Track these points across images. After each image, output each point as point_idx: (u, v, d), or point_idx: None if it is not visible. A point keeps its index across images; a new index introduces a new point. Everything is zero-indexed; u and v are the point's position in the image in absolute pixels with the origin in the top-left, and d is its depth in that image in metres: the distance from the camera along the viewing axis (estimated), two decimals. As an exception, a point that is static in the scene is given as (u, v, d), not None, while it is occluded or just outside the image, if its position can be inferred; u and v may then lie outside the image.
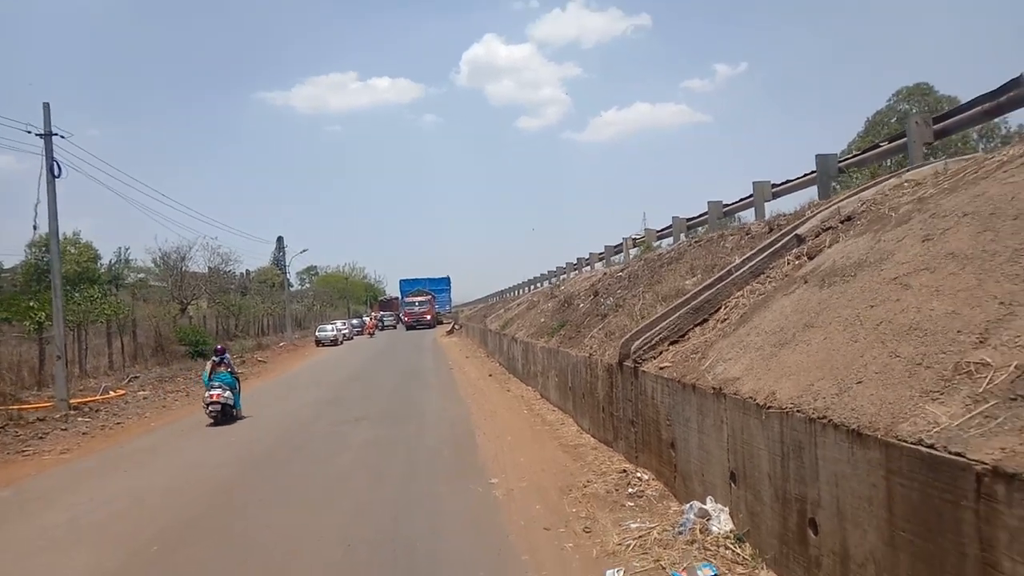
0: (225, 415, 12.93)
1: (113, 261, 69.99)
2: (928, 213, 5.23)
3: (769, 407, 4.34)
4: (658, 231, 17.62)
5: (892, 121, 32.15)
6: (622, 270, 14.70)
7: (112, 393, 18.83)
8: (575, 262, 24.83)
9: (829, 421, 3.70)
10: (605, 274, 16.36)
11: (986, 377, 3.17)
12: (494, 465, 8.19)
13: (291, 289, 74.11)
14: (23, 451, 11.44)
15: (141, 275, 62.60)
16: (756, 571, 4.38)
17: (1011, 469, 2.54)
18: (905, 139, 8.13)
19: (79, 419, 14.59)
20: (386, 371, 22.91)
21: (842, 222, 6.82)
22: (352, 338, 48.35)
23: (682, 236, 14.80)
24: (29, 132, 15.12)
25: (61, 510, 7.40)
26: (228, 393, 13.05)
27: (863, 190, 7.51)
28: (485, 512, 6.38)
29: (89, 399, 17.17)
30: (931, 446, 2.96)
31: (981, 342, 3.40)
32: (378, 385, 18.54)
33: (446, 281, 71.96)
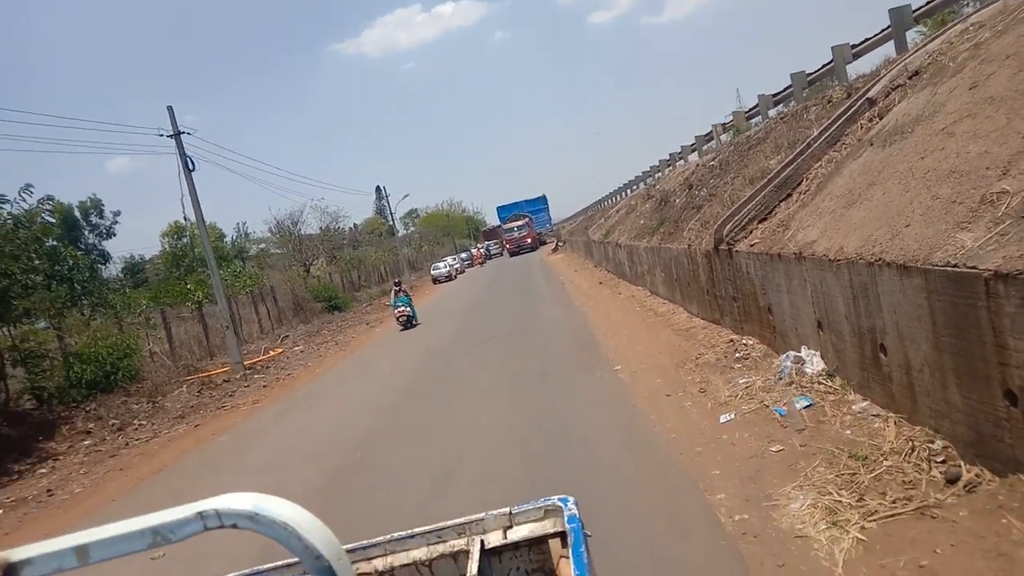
0: (409, 323, 19.59)
1: (235, 237, 75.61)
2: (979, 59, 5.61)
3: (838, 260, 5.11)
4: (746, 112, 17.57)
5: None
6: (714, 158, 15.05)
7: (272, 352, 21.48)
8: (668, 158, 24.95)
9: (883, 262, 4.46)
10: (698, 165, 16.71)
11: (1005, 203, 3.83)
12: (616, 356, 9.30)
13: (398, 235, 77.54)
14: (222, 406, 13.76)
15: (262, 245, 67.31)
16: (845, 396, 5.26)
17: (1006, 270, 3.30)
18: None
19: (255, 376, 17.05)
20: (503, 295, 24.43)
21: (910, 78, 7.13)
22: (464, 271, 50.55)
23: (770, 113, 14.87)
24: (161, 135, 17.15)
25: (276, 440, 9.28)
26: (409, 309, 19.66)
27: (931, 41, 7.69)
28: (614, 391, 7.53)
29: (257, 360, 19.77)
30: (955, 266, 3.72)
31: (1004, 174, 4.02)
32: (499, 307, 20.03)
33: (543, 200, 70.88)
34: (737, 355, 7.30)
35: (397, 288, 20.62)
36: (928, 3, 9.65)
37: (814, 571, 3.37)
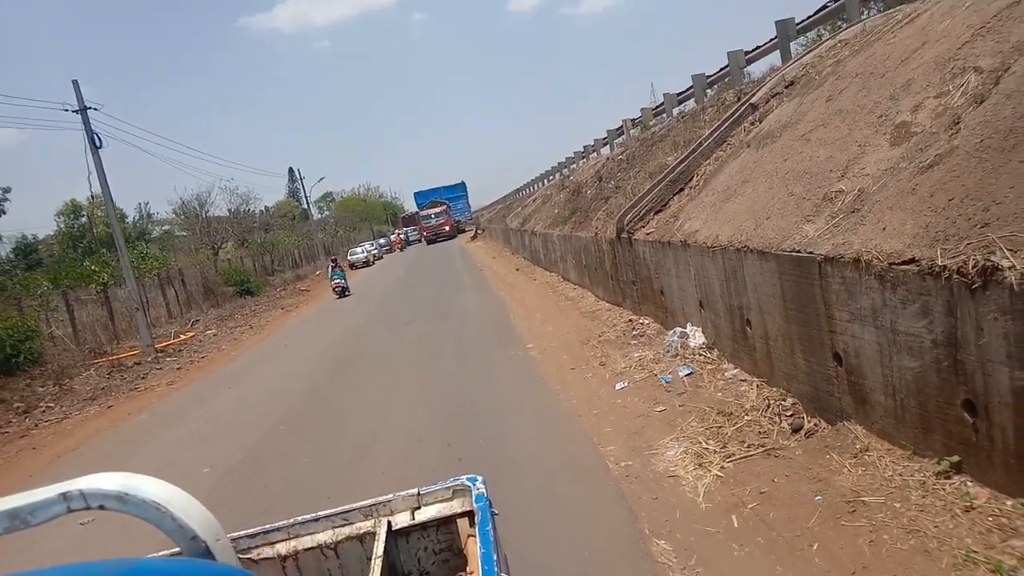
0: (344, 293, 23.89)
1: (136, 218, 71.95)
2: (837, 75, 6.52)
3: (715, 247, 5.90)
4: (653, 109, 18.60)
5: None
6: (622, 153, 15.96)
7: (183, 336, 21.06)
8: (582, 150, 25.90)
9: (748, 248, 5.25)
10: (608, 159, 17.61)
11: (840, 200, 4.66)
12: (528, 335, 9.96)
13: (313, 219, 76.00)
14: (136, 388, 13.59)
15: (166, 227, 64.37)
16: (720, 365, 6.08)
17: (833, 254, 4.09)
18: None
19: (167, 359, 16.79)
20: (422, 280, 24.81)
21: (786, 87, 8.07)
22: (382, 257, 50.34)
23: (674, 111, 15.88)
24: (66, 110, 16.54)
25: (196, 418, 9.43)
26: (343, 282, 24.05)
27: (806, 54, 8.68)
28: (526, 365, 8.18)
29: (168, 343, 19.38)
30: (798, 251, 4.51)
31: (842, 176, 4.86)
32: (418, 294, 20.42)
33: (462, 187, 69.46)
34: (634, 333, 8.09)
35: (334, 264, 25.48)
36: (808, 18, 10.73)
37: (680, 501, 4.09)
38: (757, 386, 5.38)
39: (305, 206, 63.74)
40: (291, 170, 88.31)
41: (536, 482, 4.75)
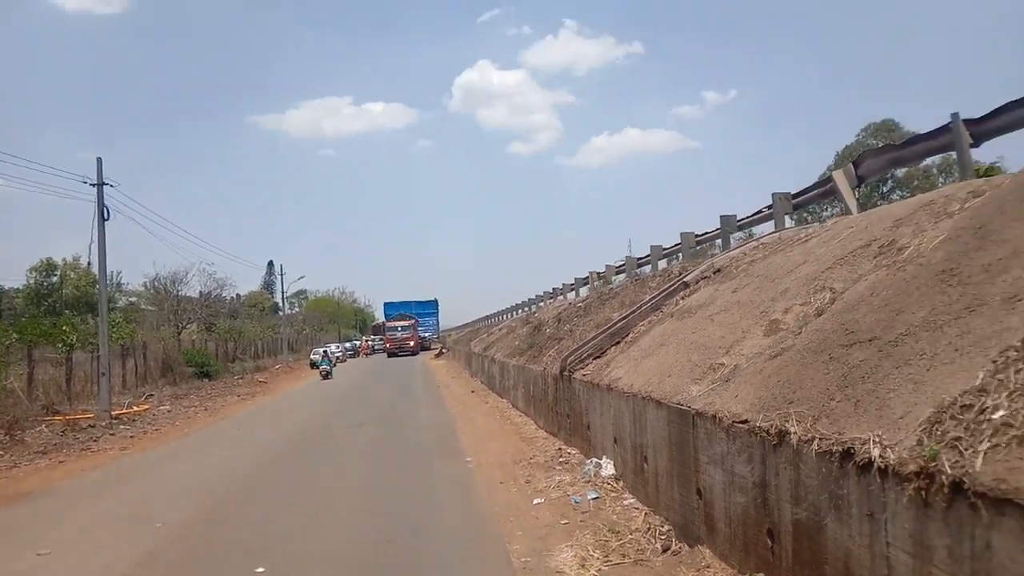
0: (328, 376, 31.60)
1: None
2: (744, 273, 8.13)
3: (629, 393, 7.18)
4: (616, 267, 20.56)
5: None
6: (582, 301, 17.60)
7: (136, 408, 21.38)
8: (551, 291, 27.77)
9: (650, 398, 6.54)
10: (570, 304, 19.25)
11: (720, 371, 6.01)
12: (470, 451, 10.95)
13: (280, 313, 76.58)
14: (88, 448, 14.02)
15: (133, 299, 64.31)
16: (622, 494, 7.18)
17: (702, 410, 5.38)
18: (772, 209, 11.08)
19: (120, 426, 17.20)
20: (380, 390, 25.59)
21: (714, 273, 9.71)
22: (345, 360, 50.75)
23: (635, 271, 17.73)
24: (85, 183, 17.92)
25: (152, 479, 10.08)
26: (329, 368, 32.70)
27: (734, 249, 10.43)
28: (462, 475, 9.16)
29: (123, 412, 19.72)
30: (681, 404, 5.80)
31: (726, 353, 6.25)
32: (374, 400, 21.23)
33: (433, 304, 69.02)
34: (560, 460, 9.17)
35: (324, 354, 35.78)
36: (746, 217, 12.71)
37: (561, 591, 5.09)
38: (645, 513, 6.47)
39: (278, 299, 64.51)
40: (271, 263, 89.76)
41: (453, 563, 5.71)
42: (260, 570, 5.71)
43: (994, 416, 2.95)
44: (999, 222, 4.61)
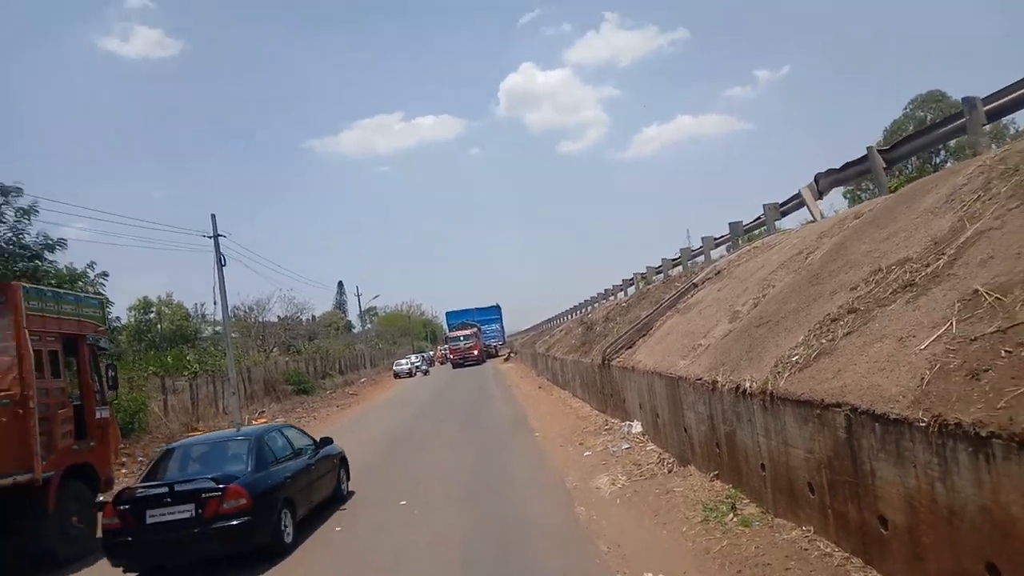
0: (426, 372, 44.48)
1: (191, 316, 77.88)
2: (730, 274, 10.82)
3: (646, 371, 10.00)
4: (656, 268, 23.16)
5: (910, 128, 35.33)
6: (627, 300, 20.34)
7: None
8: (603, 292, 30.50)
9: (656, 372, 9.35)
10: (617, 304, 22.00)
11: (699, 349, 8.77)
12: (537, 429, 13.92)
13: (353, 331, 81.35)
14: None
15: (219, 328, 69.52)
16: (647, 443, 10.00)
17: (684, 375, 8.17)
18: (764, 216, 13.62)
19: (251, 436, 20.90)
20: (458, 392, 28.87)
21: (716, 274, 12.39)
22: (428, 372, 53.63)
23: (668, 272, 20.35)
24: (205, 236, 21.79)
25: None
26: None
27: (733, 254, 13.06)
28: (531, 444, 12.15)
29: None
30: (672, 374, 8.61)
31: (704, 336, 9.00)
32: (457, 399, 24.47)
33: (496, 310, 65.96)
34: (606, 427, 12.05)
35: (408, 362, 44.85)
36: (751, 222, 15.23)
37: (600, 498, 7.97)
38: (659, 453, 9.31)
39: (350, 318, 68.92)
40: (340, 283, 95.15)
41: (528, 489, 8.71)
42: (403, 503, 8.82)
43: (793, 358, 5.75)
44: (852, 240, 7.31)
